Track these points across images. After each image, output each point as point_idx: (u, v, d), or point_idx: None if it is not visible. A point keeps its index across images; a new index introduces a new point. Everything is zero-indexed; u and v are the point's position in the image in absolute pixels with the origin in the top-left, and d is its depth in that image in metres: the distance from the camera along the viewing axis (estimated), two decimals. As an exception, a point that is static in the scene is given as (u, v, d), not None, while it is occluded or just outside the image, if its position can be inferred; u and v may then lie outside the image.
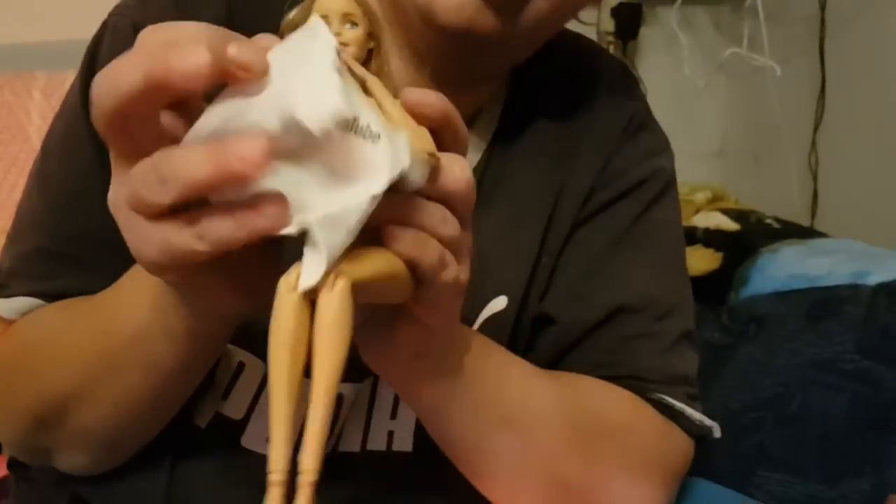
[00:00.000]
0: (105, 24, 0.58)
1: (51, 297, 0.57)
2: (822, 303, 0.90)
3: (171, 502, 0.56)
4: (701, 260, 1.16)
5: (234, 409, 0.57)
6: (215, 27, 0.34)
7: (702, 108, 1.63)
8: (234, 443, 0.57)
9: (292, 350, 0.31)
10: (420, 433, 0.59)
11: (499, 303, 0.63)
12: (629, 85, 0.72)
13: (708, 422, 0.65)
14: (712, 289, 1.10)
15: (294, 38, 0.34)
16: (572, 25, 1.38)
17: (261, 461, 0.33)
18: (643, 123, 0.69)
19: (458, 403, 0.53)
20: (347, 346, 0.32)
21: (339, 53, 0.33)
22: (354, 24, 0.36)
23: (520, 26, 0.53)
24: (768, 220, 1.25)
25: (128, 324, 0.48)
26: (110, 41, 0.57)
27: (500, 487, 0.57)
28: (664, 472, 0.62)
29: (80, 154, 0.57)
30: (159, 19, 0.38)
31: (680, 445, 0.64)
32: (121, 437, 0.55)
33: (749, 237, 1.17)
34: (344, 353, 0.32)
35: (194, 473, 0.57)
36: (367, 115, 0.32)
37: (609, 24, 1.51)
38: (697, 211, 1.33)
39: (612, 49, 1.53)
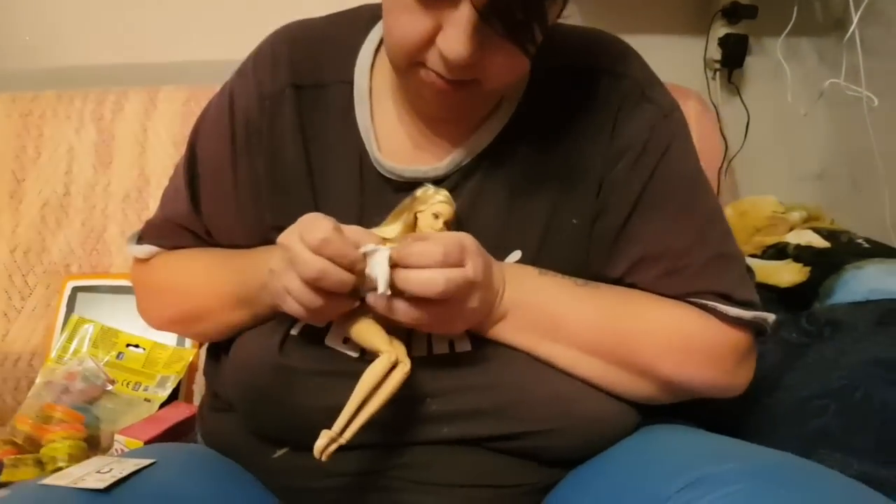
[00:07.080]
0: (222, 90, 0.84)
1: (168, 248, 0.84)
2: (893, 312, 0.95)
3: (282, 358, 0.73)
4: (789, 273, 1.20)
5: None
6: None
7: (803, 134, 1.64)
8: (320, 341, 0.73)
9: (373, 383, 0.64)
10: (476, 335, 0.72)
11: (514, 256, 0.75)
12: (627, 63, 0.78)
13: (747, 314, 0.73)
14: (799, 299, 1.15)
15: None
16: (679, 53, 1.54)
17: (335, 352, 0.71)
18: (642, 95, 0.76)
19: (510, 336, 0.71)
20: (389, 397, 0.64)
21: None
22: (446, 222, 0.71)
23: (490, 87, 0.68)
24: (859, 241, 1.26)
25: (258, 278, 0.73)
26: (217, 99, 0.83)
27: (564, 369, 0.72)
28: (709, 355, 0.73)
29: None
30: (244, 86, 0.79)
31: (722, 334, 0.73)
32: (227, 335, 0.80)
33: (838, 255, 1.20)
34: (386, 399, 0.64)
35: (295, 349, 0.74)
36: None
37: (716, 53, 1.56)
38: (791, 228, 1.35)
39: (717, 76, 1.59)
